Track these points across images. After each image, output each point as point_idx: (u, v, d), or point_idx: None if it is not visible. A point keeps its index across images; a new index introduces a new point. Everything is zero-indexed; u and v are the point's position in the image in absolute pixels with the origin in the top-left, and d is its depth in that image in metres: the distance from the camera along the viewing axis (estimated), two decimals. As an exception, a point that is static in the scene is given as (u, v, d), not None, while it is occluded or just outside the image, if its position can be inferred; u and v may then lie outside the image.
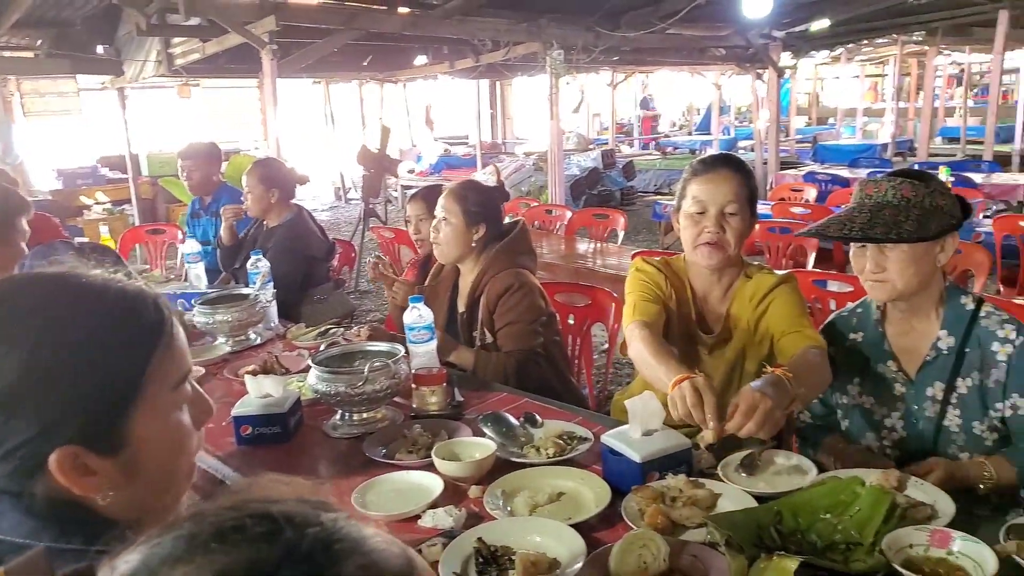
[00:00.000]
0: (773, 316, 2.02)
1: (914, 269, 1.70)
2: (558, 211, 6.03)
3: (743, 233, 2.03)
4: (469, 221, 2.64)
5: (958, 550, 1.30)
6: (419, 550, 1.50)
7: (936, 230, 1.68)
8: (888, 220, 1.68)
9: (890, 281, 1.72)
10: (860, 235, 1.70)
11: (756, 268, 2.14)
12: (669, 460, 1.68)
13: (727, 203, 1.99)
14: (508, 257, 2.68)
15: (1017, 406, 1.66)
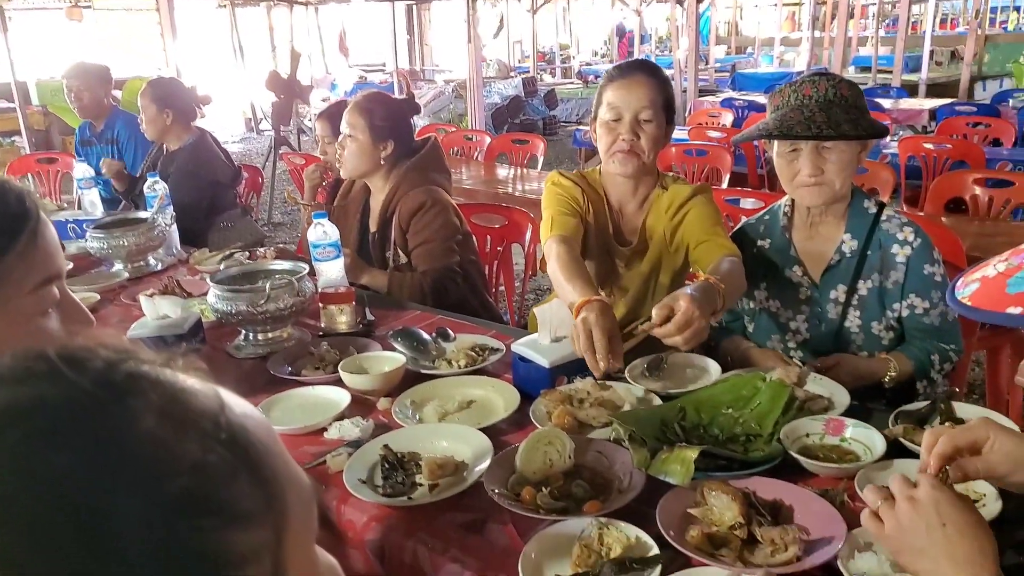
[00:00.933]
0: (688, 226, 2.01)
1: (850, 170, 1.72)
2: (477, 136, 5.91)
3: (658, 140, 1.99)
4: (375, 136, 2.52)
5: (850, 436, 1.35)
6: (323, 461, 1.46)
7: (882, 128, 1.70)
8: (844, 118, 1.65)
9: (828, 183, 1.71)
10: (832, 133, 1.63)
11: (672, 179, 2.12)
12: (577, 364, 1.67)
13: (641, 109, 1.93)
14: (420, 174, 2.59)
15: (913, 305, 1.72)
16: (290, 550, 0.45)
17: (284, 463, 0.48)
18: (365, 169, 2.58)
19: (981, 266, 0.80)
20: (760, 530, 1.08)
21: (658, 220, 2.07)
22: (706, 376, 1.66)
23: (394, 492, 1.33)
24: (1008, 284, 0.72)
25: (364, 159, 2.55)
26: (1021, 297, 0.69)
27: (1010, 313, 0.70)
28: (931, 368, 1.71)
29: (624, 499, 1.20)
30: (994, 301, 0.72)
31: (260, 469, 0.45)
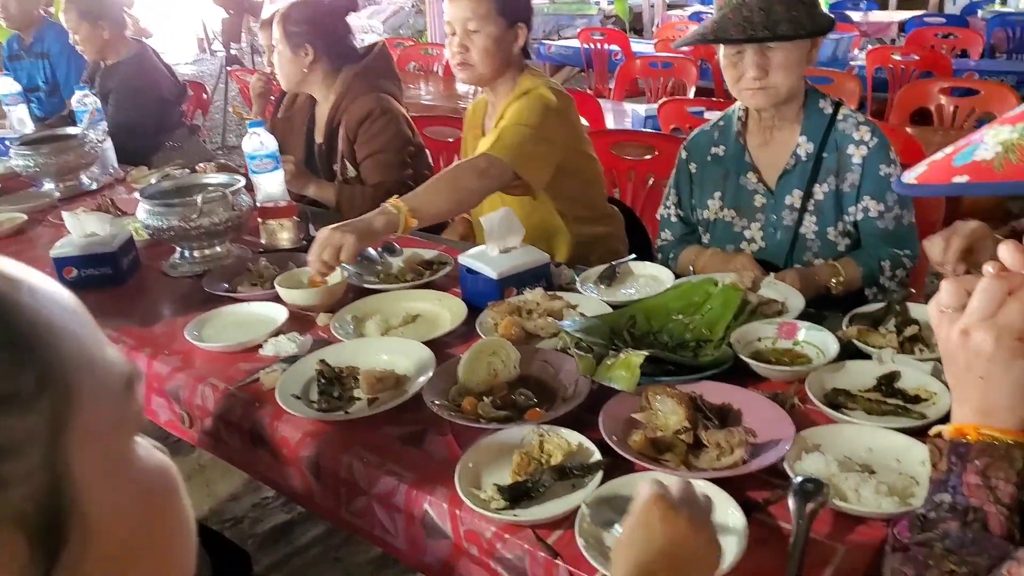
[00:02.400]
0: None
1: (797, 71, 1.62)
2: (436, 50, 5.68)
3: (490, 48, 1.88)
4: (292, 44, 2.34)
5: (803, 339, 1.30)
6: (256, 378, 1.39)
7: (825, 24, 1.60)
8: (783, 16, 1.55)
9: (773, 86, 1.62)
10: (767, 34, 1.54)
11: (531, 78, 1.96)
12: (526, 275, 1.61)
13: (466, 20, 1.88)
14: (366, 82, 2.44)
15: (867, 208, 1.66)
16: (77, 443, 0.38)
17: (80, 346, 0.40)
18: (294, 80, 2.42)
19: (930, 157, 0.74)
20: (706, 434, 1.04)
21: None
22: (659, 284, 1.60)
23: (330, 407, 1.27)
24: (954, 159, 0.67)
25: (289, 69, 2.38)
26: (967, 167, 0.64)
27: (955, 182, 0.64)
28: (880, 274, 1.66)
29: (568, 406, 1.15)
30: (940, 175, 0.66)
31: (29, 349, 0.37)
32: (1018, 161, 0.61)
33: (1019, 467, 0.75)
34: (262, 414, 1.31)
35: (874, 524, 0.92)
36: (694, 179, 1.86)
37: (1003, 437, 0.75)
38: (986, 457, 0.76)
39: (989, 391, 0.75)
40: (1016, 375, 0.74)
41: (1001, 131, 0.65)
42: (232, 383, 1.40)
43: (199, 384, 1.43)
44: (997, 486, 0.75)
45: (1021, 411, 0.76)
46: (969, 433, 0.76)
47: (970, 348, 0.74)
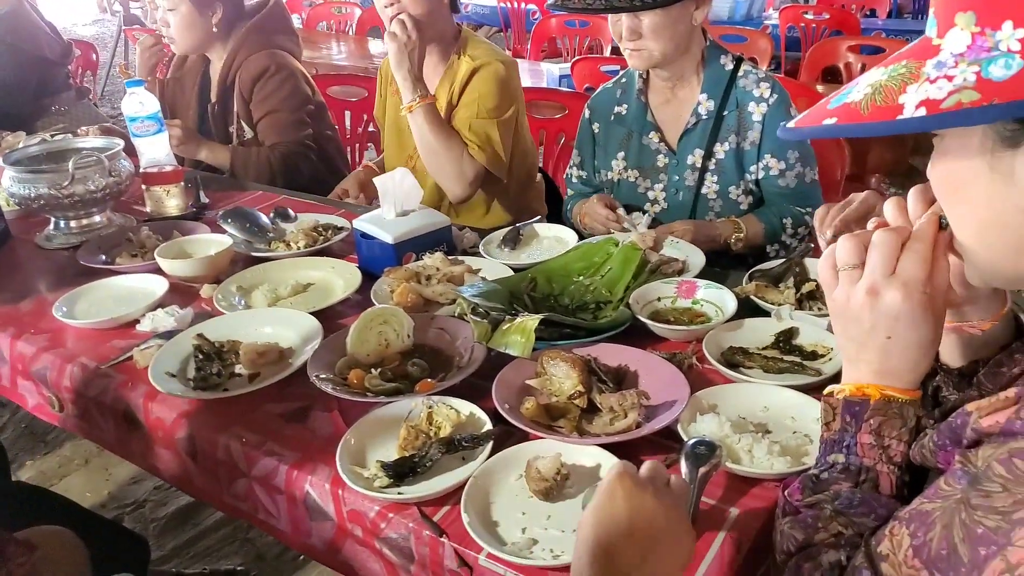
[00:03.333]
0: (459, 112, 1.91)
1: (670, 32, 1.57)
2: (347, 9, 5.46)
3: (425, 16, 1.80)
4: (199, 3, 2.20)
5: (701, 297, 1.27)
6: (130, 356, 1.29)
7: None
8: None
9: (647, 49, 1.59)
10: (604, 5, 1.53)
11: (471, 44, 1.94)
12: (426, 239, 1.54)
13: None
14: (261, 36, 2.30)
15: (768, 166, 1.64)
16: None
17: None
18: (199, 42, 2.27)
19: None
20: (600, 397, 1.00)
21: (443, 90, 1.95)
22: (563, 246, 1.55)
23: (207, 384, 1.18)
24: (831, 101, 0.63)
25: (194, 32, 2.22)
26: (838, 109, 0.61)
27: (825, 124, 0.61)
28: (782, 232, 1.66)
29: (461, 375, 1.09)
30: (813, 118, 0.63)
31: None
32: (883, 103, 0.58)
33: (911, 425, 0.73)
34: (135, 395, 1.21)
35: (767, 486, 0.90)
36: (597, 139, 1.82)
37: (900, 396, 0.73)
38: (879, 416, 0.74)
39: (892, 352, 0.73)
40: (923, 332, 0.71)
41: (874, 73, 0.62)
42: (104, 362, 1.29)
43: (68, 364, 1.31)
44: (890, 445, 0.73)
45: (920, 369, 0.74)
46: (870, 392, 0.74)
47: (879, 309, 0.72)
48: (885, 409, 0.74)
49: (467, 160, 1.85)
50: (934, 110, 0.56)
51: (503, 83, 1.88)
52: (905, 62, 0.60)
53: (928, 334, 0.72)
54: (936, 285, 0.71)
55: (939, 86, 0.57)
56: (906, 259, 0.71)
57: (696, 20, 1.60)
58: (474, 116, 1.87)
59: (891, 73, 0.60)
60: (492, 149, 1.87)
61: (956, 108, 0.55)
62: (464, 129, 1.87)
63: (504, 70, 1.88)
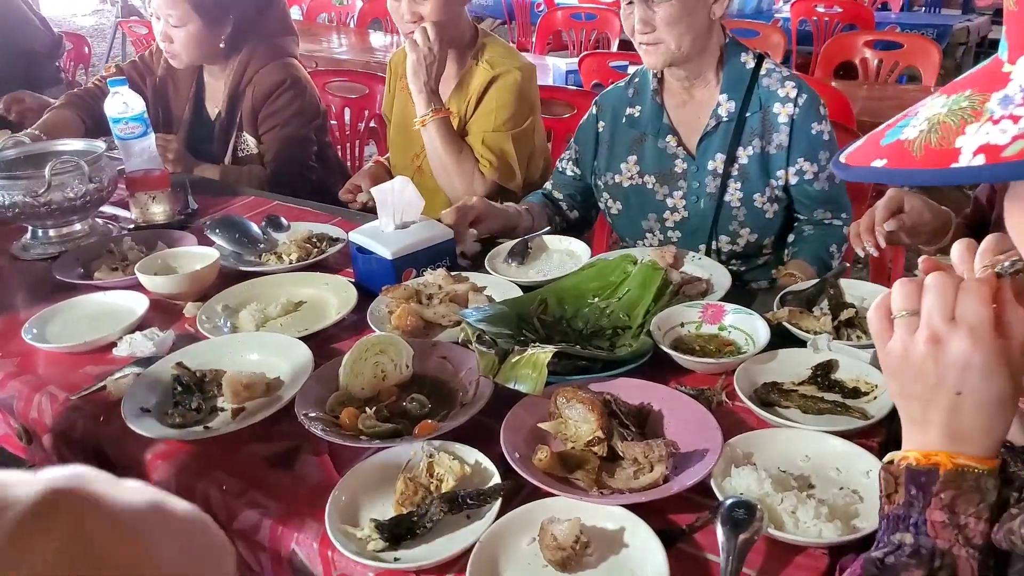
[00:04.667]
0: (474, 123, 1.86)
1: (686, 24, 1.46)
2: (348, 1, 5.34)
3: (442, 10, 1.74)
4: (210, 20, 2.06)
5: (730, 324, 1.16)
6: (103, 385, 1.18)
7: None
8: None
9: (663, 42, 1.47)
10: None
11: (490, 48, 1.88)
12: (426, 254, 1.43)
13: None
14: (271, 45, 2.17)
15: (803, 171, 1.52)
16: None
17: None
18: (204, 58, 2.16)
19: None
20: (622, 445, 0.89)
21: (460, 102, 1.89)
22: (575, 261, 1.44)
23: (185, 421, 1.07)
24: (885, 135, 0.53)
25: (201, 49, 2.10)
26: (891, 148, 0.51)
27: (874, 167, 0.51)
28: (831, 260, 1.55)
29: (464, 415, 0.98)
30: (864, 155, 0.53)
31: None
32: (938, 144, 0.48)
33: (991, 500, 0.62)
34: (108, 431, 1.10)
35: (814, 554, 0.79)
36: (601, 139, 1.70)
37: (975, 465, 0.62)
38: (952, 489, 0.62)
39: (963, 410, 0.62)
40: (998, 386, 0.61)
41: (935, 103, 0.51)
42: (75, 392, 1.18)
43: (36, 394, 1.20)
44: (967, 524, 0.62)
45: (997, 433, 0.63)
46: (940, 460, 0.63)
47: (946, 359, 0.61)
48: (959, 481, 0.63)
49: (478, 177, 1.80)
50: (994, 159, 0.45)
51: (521, 93, 1.82)
52: (969, 92, 0.49)
53: (1005, 388, 0.62)
54: (1010, 333, 0.61)
55: (1003, 128, 0.46)
56: (964, 302, 0.62)
57: (715, 13, 1.49)
58: (489, 129, 1.81)
59: (951, 106, 0.49)
60: (506, 164, 1.83)
61: (1020, 158, 0.44)
62: (477, 143, 1.81)
63: (522, 79, 1.82)
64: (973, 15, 5.69)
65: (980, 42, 5.45)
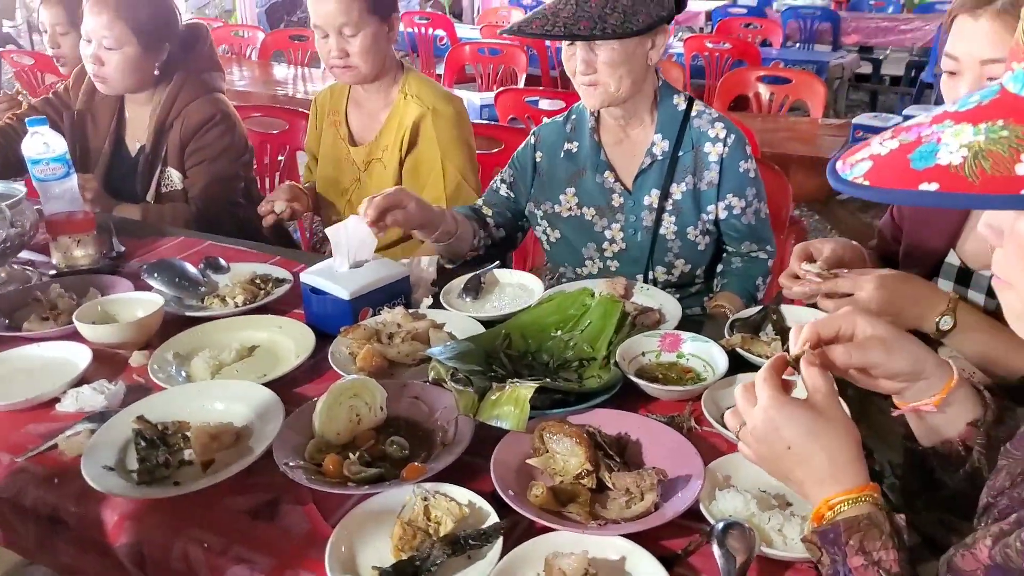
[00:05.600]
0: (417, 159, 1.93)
1: (625, 68, 1.54)
2: (249, 33, 5.25)
3: (371, 48, 1.85)
4: (147, 44, 2.02)
5: (688, 352, 1.22)
6: (55, 444, 1.12)
7: (645, 23, 1.51)
8: (594, 13, 1.47)
9: (602, 84, 1.55)
10: (563, 31, 1.47)
11: (416, 82, 1.95)
12: (384, 292, 1.43)
13: (341, 25, 1.82)
14: (199, 78, 2.13)
15: (731, 206, 1.62)
16: None
17: None
18: (137, 85, 2.09)
19: (859, 147, 0.66)
20: (612, 476, 0.93)
21: (390, 133, 1.96)
22: (529, 294, 1.48)
23: (153, 478, 1.03)
24: (911, 160, 0.59)
25: (135, 75, 2.05)
26: (933, 172, 0.56)
27: (924, 190, 0.56)
28: (757, 291, 1.66)
29: (450, 456, 1.00)
30: (901, 178, 0.58)
31: None
32: (993, 172, 0.53)
33: (888, 529, 0.73)
34: (64, 494, 1.05)
35: (801, 567, 0.85)
36: (539, 168, 1.76)
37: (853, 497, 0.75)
38: (856, 532, 0.73)
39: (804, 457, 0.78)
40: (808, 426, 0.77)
41: (962, 131, 0.57)
42: (20, 454, 1.12)
43: (-25, 458, 1.13)
44: (881, 558, 0.72)
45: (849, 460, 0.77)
46: (824, 513, 0.76)
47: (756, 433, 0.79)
48: (855, 524, 0.73)
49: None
50: None
51: (460, 131, 1.92)
52: (1002, 122, 0.55)
53: (817, 422, 0.78)
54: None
55: None
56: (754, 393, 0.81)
57: (651, 59, 1.57)
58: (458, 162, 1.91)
59: (989, 135, 0.55)
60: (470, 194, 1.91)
61: None
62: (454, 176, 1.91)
63: (459, 113, 1.90)
64: (843, 51, 6.21)
65: (852, 76, 5.95)
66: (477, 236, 1.71)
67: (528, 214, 1.79)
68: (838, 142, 3.06)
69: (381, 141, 1.93)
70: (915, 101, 6.09)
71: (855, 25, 6.49)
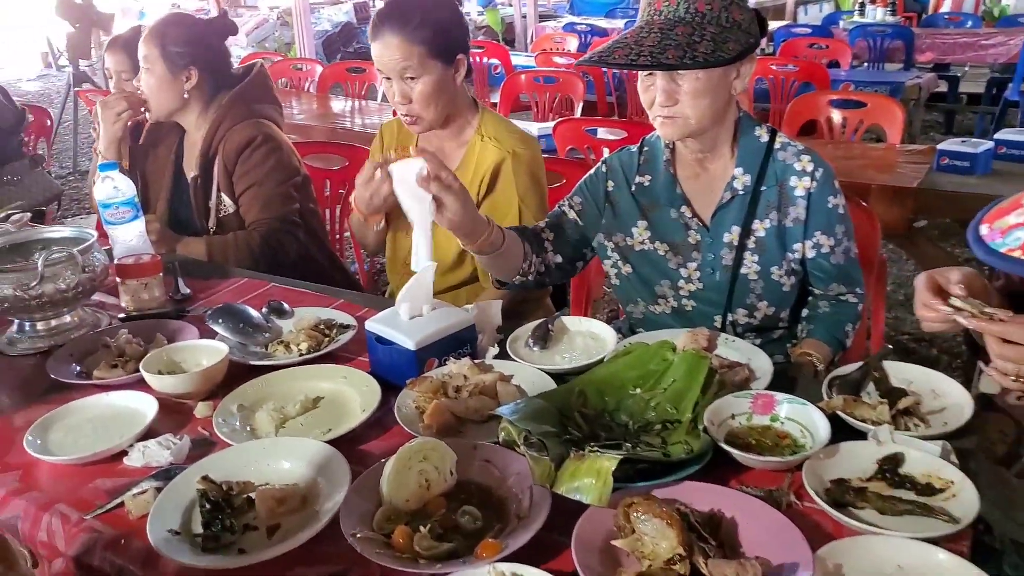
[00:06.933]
0: (493, 203, 1.86)
1: (709, 100, 1.46)
2: (307, 66, 5.33)
3: (433, 95, 1.79)
4: (172, 65, 2.08)
5: (784, 415, 1.13)
6: (121, 502, 1.09)
7: (735, 50, 1.44)
8: (681, 41, 1.40)
9: (682, 116, 1.47)
10: (650, 61, 1.41)
11: (493, 124, 1.90)
12: (450, 342, 1.38)
13: (402, 70, 1.76)
14: (245, 106, 2.16)
15: (819, 244, 1.53)
16: None
17: None
18: (169, 106, 2.14)
19: (1005, 209, 0.58)
20: (708, 564, 0.84)
21: (465, 175, 1.89)
22: (600, 345, 1.41)
23: (218, 544, 0.99)
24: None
25: (165, 94, 2.10)
26: None
27: None
28: (846, 338, 1.55)
29: (527, 532, 0.93)
30: None
31: None
32: None
33: None
34: (131, 555, 1.02)
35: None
36: (611, 198, 1.68)
37: None
38: None
39: None
40: None
41: None
42: (88, 511, 1.09)
43: (44, 513, 1.11)
44: None
45: None
46: None
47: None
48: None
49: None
50: None
51: (538, 178, 1.88)
52: None
53: None
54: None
55: None
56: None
57: (735, 89, 1.50)
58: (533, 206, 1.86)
59: None
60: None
61: None
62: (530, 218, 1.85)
63: (537, 158, 1.87)
64: (914, 70, 5.97)
65: (929, 97, 5.70)
66: (528, 260, 1.60)
67: (597, 245, 1.72)
68: (921, 170, 2.91)
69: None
70: (998, 121, 5.79)
71: (930, 42, 6.24)
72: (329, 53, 10.04)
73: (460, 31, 1.84)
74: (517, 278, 1.60)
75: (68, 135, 6.77)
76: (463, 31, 1.85)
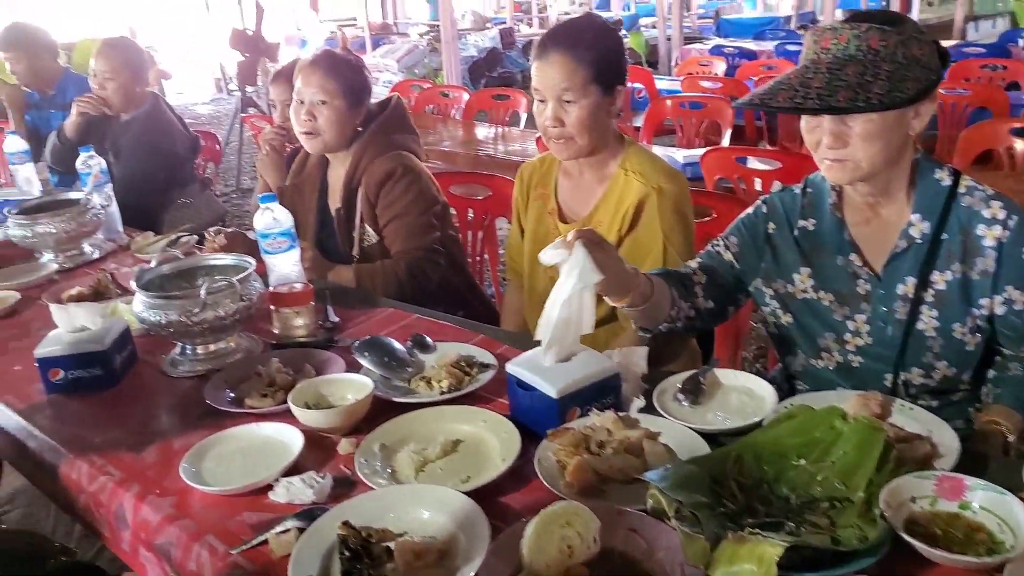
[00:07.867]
0: (636, 241, 1.80)
1: (883, 142, 1.33)
2: (454, 93, 5.46)
3: (588, 120, 1.75)
4: (353, 101, 2.15)
5: (976, 504, 0.99)
6: (265, 540, 1.11)
7: (913, 91, 1.30)
8: (852, 82, 1.28)
9: (852, 160, 1.35)
10: (818, 104, 1.29)
11: (638, 157, 1.83)
12: (593, 391, 1.32)
13: (563, 91, 1.74)
14: (385, 138, 2.22)
15: (1011, 300, 1.36)
16: None
17: None
18: (343, 141, 2.21)
19: None
20: None
21: (608, 212, 1.84)
22: (758, 403, 1.31)
23: (357, 596, 0.98)
24: None
25: (343, 129, 2.18)
26: None
27: None
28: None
29: (679, 618, 0.86)
30: None
31: None
32: None
33: None
34: (270, 597, 1.02)
35: None
36: (772, 241, 1.57)
37: None
38: None
39: None
40: None
41: None
42: (234, 545, 1.12)
43: (195, 543, 1.14)
44: None
45: None
46: None
47: None
48: None
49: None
50: None
51: (687, 214, 1.81)
52: None
53: None
54: None
55: None
56: None
57: (913, 129, 1.36)
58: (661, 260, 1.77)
59: None
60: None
61: None
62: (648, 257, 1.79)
63: (681, 192, 1.79)
64: (1108, 93, 5.36)
65: None
66: (676, 306, 1.52)
67: (754, 291, 1.61)
68: (1124, 211, 2.57)
69: (595, 217, 1.84)
70: None
71: None
72: (474, 78, 10.30)
73: (623, 63, 1.82)
74: (664, 326, 1.52)
75: (233, 155, 7.28)
76: (625, 64, 1.83)
